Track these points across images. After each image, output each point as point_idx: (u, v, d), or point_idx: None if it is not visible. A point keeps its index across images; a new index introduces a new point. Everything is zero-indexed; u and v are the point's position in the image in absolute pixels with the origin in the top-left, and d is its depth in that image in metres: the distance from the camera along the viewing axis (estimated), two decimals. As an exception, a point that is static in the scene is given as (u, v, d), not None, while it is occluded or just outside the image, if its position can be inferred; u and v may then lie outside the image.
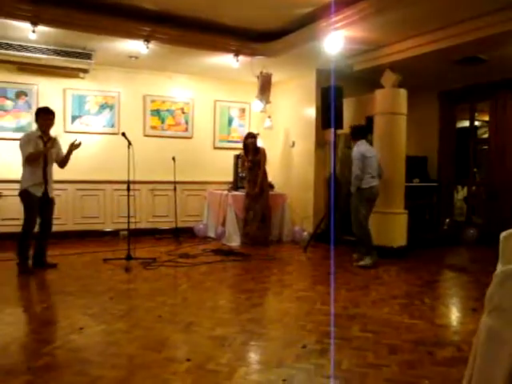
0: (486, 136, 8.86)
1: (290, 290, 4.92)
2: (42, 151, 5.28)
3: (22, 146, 5.26)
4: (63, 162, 5.60)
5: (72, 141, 5.53)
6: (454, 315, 4.43)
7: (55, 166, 5.62)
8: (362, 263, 6.05)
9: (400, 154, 6.85)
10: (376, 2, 5.19)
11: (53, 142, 5.44)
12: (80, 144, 5.53)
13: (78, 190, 7.76)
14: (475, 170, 9.15)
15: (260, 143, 8.02)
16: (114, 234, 7.80)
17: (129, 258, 5.89)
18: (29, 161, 5.23)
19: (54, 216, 5.70)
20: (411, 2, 5.03)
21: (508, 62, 6.60)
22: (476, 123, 9.17)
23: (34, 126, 5.69)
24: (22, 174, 5.32)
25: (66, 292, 4.65)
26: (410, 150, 7.23)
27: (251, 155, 7.62)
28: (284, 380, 2.76)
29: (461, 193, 9.68)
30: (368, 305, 4.40)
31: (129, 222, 6.15)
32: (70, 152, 5.54)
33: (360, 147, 6.17)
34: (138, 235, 6.66)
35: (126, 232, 6.42)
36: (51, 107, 7.43)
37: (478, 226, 8.10)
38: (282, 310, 4.33)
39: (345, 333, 3.58)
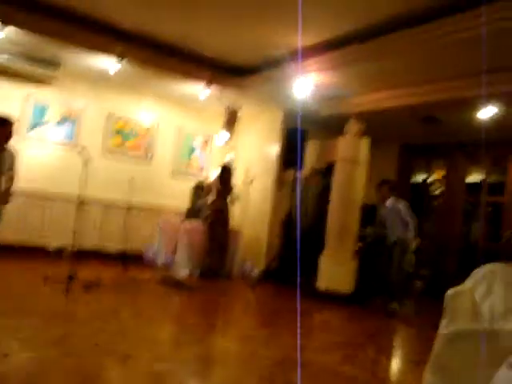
0: (438, 192, 9.19)
1: (236, 329, 4.80)
2: None
3: None
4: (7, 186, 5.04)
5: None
6: (396, 368, 4.42)
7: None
8: (395, 307, 6.38)
9: (356, 202, 6.97)
10: (348, 53, 5.35)
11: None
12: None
13: (23, 201, 7.38)
14: (426, 224, 9.43)
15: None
16: (59, 252, 7.45)
17: (71, 278, 5.60)
18: None
19: None
20: (381, 58, 5.22)
21: (462, 125, 6.92)
22: (430, 179, 9.51)
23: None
24: None
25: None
26: (367, 197, 7.36)
27: (223, 188, 7.53)
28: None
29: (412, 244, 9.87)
30: (311, 351, 4.33)
31: (74, 241, 5.87)
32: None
33: (399, 201, 6.71)
34: (84, 255, 6.38)
35: (70, 251, 6.12)
36: (11, 112, 7.18)
37: (425, 278, 8.26)
38: (224, 349, 4.19)
39: (285, 379, 3.48)
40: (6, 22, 5.55)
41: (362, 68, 5.59)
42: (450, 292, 3.67)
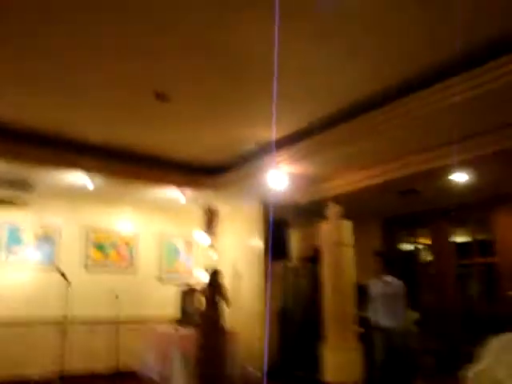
0: (428, 259, 9.11)
1: None
2: None
3: None
4: None
5: None
6: None
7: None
8: None
9: (349, 284, 6.82)
10: (316, 142, 5.47)
11: None
12: None
13: (4, 330, 6.97)
14: (425, 293, 9.24)
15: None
16: (46, 382, 6.93)
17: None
18: None
19: None
20: (348, 143, 5.34)
21: (440, 192, 7.00)
22: (418, 247, 9.46)
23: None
24: None
25: None
26: (360, 278, 7.19)
27: (214, 293, 7.26)
28: None
29: (410, 317, 9.58)
30: None
31: (61, 368, 5.48)
32: None
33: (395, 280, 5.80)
34: (73, 381, 5.95)
35: (57, 380, 5.69)
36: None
37: (433, 352, 7.93)
38: None
39: None
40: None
41: (333, 153, 5.70)
42: (470, 374, 3.47)
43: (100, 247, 8.10)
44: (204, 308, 7.22)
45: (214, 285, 7.28)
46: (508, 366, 3.32)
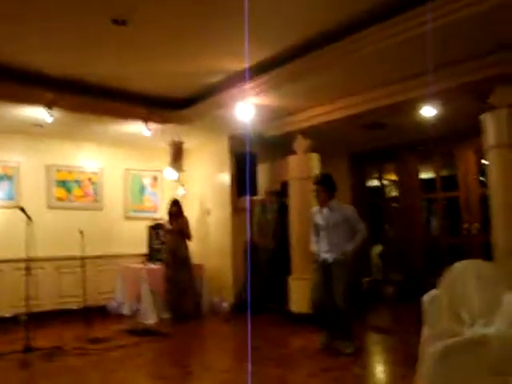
0: (394, 194, 9.29)
1: (213, 372, 4.53)
2: None
3: None
4: None
5: None
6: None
7: None
8: (350, 349, 4.92)
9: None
10: (283, 72, 5.30)
11: None
12: None
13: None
14: (386, 227, 9.49)
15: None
16: (13, 320, 6.93)
17: (28, 349, 5.17)
18: None
19: None
20: (316, 72, 5.20)
21: (407, 127, 7.00)
22: (384, 182, 9.60)
23: None
24: None
25: None
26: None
27: (174, 223, 7.25)
28: None
29: (375, 250, 9.92)
30: (298, 382, 4.13)
31: (28, 306, 5.45)
32: None
33: (343, 204, 5.43)
34: (43, 319, 5.96)
35: (25, 318, 5.67)
36: None
37: (395, 283, 8.24)
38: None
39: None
40: None
41: (300, 85, 5.55)
42: (426, 298, 3.60)
43: (63, 184, 7.89)
44: (168, 242, 7.25)
45: (172, 215, 7.27)
46: (463, 293, 3.44)
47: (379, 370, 4.79)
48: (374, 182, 9.52)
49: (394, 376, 4.48)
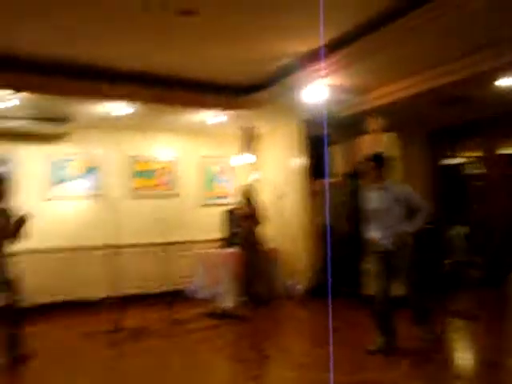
0: (476, 172, 8.77)
1: (292, 356, 4.55)
2: None
3: None
4: (11, 236, 4.65)
5: (21, 214, 4.67)
6: (473, 371, 4.08)
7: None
8: (430, 336, 4.50)
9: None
10: (356, 49, 5.12)
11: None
12: (27, 217, 4.63)
13: (62, 257, 7.41)
14: (475, 206, 8.97)
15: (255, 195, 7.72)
16: (103, 301, 7.38)
17: (116, 329, 5.49)
18: None
19: (18, 296, 4.69)
20: (388, 49, 4.97)
21: (492, 99, 6.55)
22: (465, 160, 9.09)
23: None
24: None
25: (43, 379, 4.24)
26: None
27: (247, 208, 7.35)
28: None
29: (457, 231, 9.43)
30: (375, 368, 4.05)
31: (114, 290, 5.78)
32: (17, 227, 4.61)
33: (397, 183, 4.94)
34: (127, 302, 6.31)
35: (113, 300, 6.02)
36: (32, 173, 7.21)
37: (480, 266, 7.82)
38: (283, 382, 3.95)
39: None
40: (17, 89, 5.61)
41: (373, 61, 5.34)
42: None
43: (142, 174, 8.23)
44: (242, 227, 7.35)
45: (247, 202, 7.34)
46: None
47: (465, 356, 4.58)
48: (454, 160, 9.03)
49: (478, 363, 4.27)
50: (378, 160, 4.65)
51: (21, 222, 4.60)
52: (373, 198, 4.61)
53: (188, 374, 4.17)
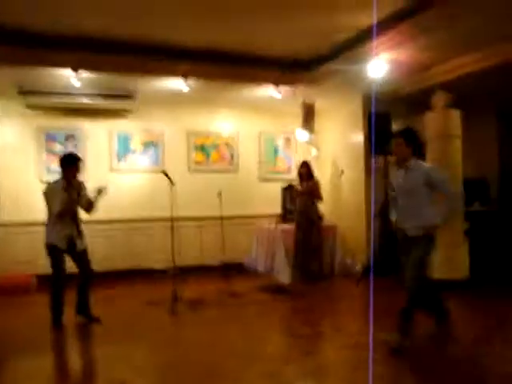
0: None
1: (346, 334, 4.56)
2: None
3: (46, 199, 4.93)
4: (89, 207, 5.11)
5: (99, 186, 5.08)
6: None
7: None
8: (391, 339, 4.00)
9: (456, 178, 6.37)
10: (420, 22, 4.88)
11: (79, 189, 5.05)
12: (106, 188, 5.08)
13: (124, 229, 7.77)
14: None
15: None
16: (163, 271, 7.69)
17: (175, 299, 5.72)
18: (55, 217, 4.88)
19: (91, 264, 5.17)
20: (457, 20, 4.70)
21: None
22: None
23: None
24: (46, 227, 4.96)
25: (107, 341, 4.51)
26: (467, 172, 6.73)
27: (304, 184, 7.32)
28: None
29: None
30: (432, 352, 3.98)
31: (174, 261, 5.99)
32: (96, 198, 5.06)
33: (424, 163, 4.45)
34: (186, 272, 6.55)
35: (173, 271, 6.24)
36: (98, 147, 7.57)
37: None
38: (337, 359, 3.97)
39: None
40: (78, 69, 5.85)
41: (440, 33, 5.08)
42: None
43: (201, 149, 8.38)
44: (298, 204, 7.33)
45: (301, 176, 7.29)
46: None
47: None
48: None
49: None
50: (408, 136, 4.22)
51: (99, 193, 5.03)
52: (399, 178, 4.23)
53: (243, 345, 4.29)
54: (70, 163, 5.00)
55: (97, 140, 7.69)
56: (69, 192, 4.95)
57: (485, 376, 3.47)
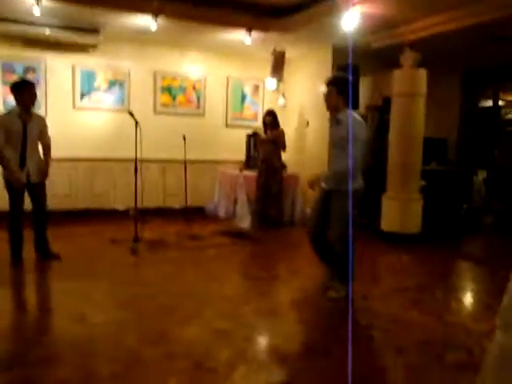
0: (510, 116, 8.54)
1: (301, 277, 4.80)
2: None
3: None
4: (47, 149, 4.96)
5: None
6: (467, 312, 4.26)
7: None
8: (334, 295, 4.08)
9: (417, 137, 6.57)
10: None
11: (41, 126, 4.87)
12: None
13: (87, 168, 7.68)
14: (496, 152, 8.84)
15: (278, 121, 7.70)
16: (124, 212, 7.72)
17: (136, 239, 5.81)
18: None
19: (46, 200, 5.07)
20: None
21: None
22: (500, 103, 8.81)
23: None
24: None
25: (67, 276, 4.59)
26: (427, 131, 6.93)
27: (269, 132, 7.38)
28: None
29: (480, 176, 9.37)
30: (377, 297, 4.26)
31: (136, 202, 6.03)
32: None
33: (359, 118, 4.11)
34: (148, 214, 6.61)
35: (135, 212, 6.28)
36: (60, 83, 7.31)
37: (497, 212, 7.84)
38: (288, 300, 4.20)
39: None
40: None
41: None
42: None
43: (168, 91, 8.23)
44: (262, 151, 7.41)
45: (265, 124, 7.35)
46: None
47: (463, 297, 4.75)
48: (489, 103, 8.76)
49: (478, 304, 4.44)
50: (340, 85, 4.01)
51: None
52: (330, 131, 4.09)
53: (201, 286, 4.45)
54: (23, 87, 4.70)
55: (59, 75, 7.40)
56: (23, 119, 4.69)
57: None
